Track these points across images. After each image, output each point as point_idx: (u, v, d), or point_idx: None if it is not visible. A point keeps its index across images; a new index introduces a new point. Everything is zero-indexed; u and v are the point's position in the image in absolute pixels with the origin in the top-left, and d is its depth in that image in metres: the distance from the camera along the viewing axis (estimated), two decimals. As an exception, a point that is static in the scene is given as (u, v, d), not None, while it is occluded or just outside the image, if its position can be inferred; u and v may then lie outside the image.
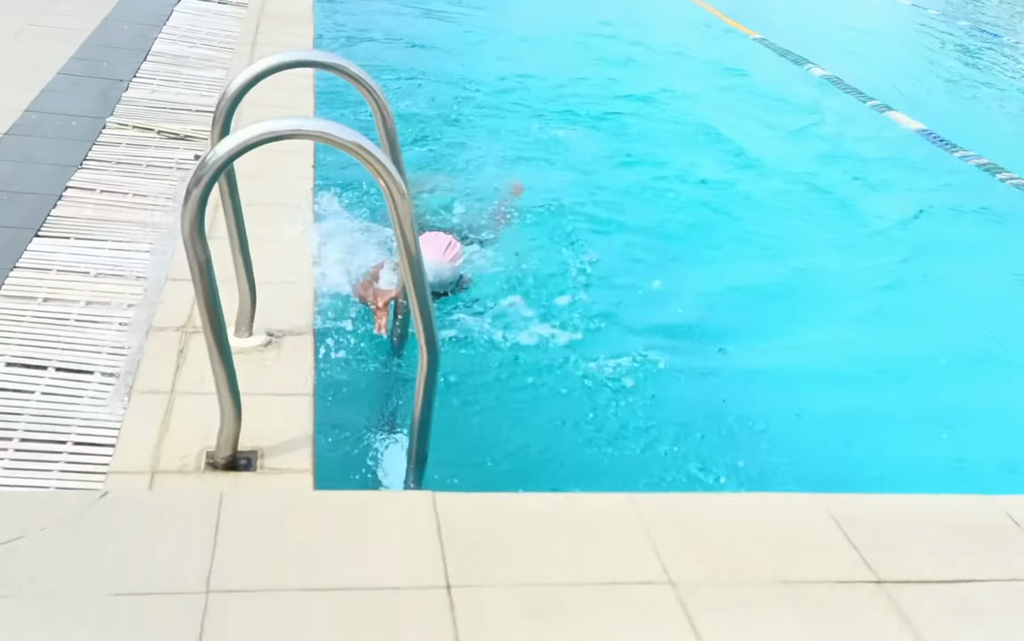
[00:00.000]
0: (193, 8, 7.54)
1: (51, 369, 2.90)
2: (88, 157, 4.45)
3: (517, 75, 8.01)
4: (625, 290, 4.58)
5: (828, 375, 3.97)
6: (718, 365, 3.95)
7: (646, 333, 4.08)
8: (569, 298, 4.31)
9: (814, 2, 15.15)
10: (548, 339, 3.87)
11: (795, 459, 3.24)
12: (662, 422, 3.36)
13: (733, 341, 4.15)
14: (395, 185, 2.48)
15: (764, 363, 3.94)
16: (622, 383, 3.59)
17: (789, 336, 4.25)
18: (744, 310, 4.51)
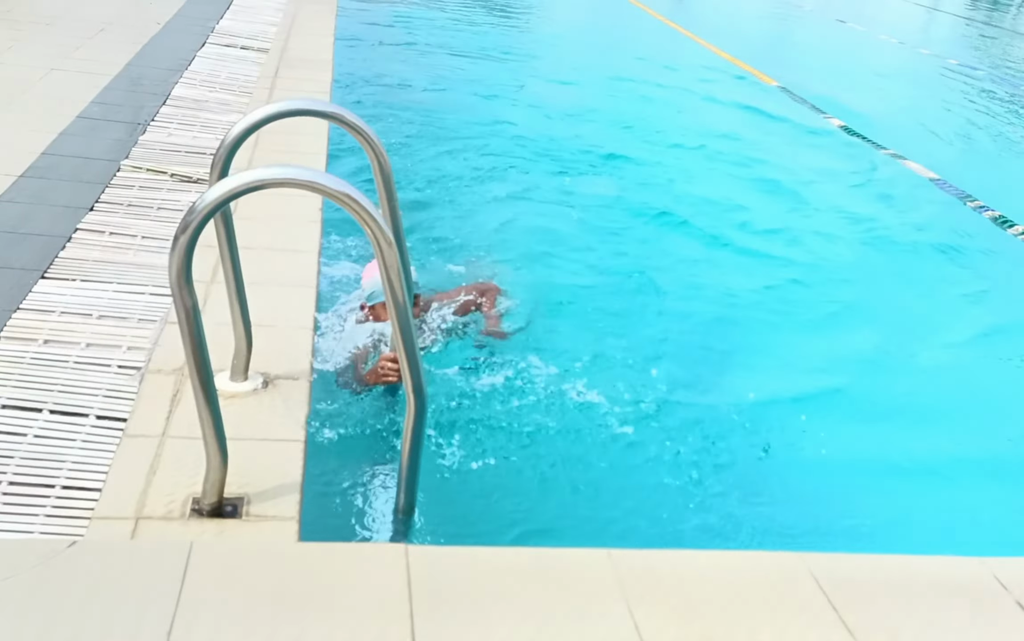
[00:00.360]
0: (215, 53, 7.69)
1: (45, 412, 2.93)
2: (100, 199, 4.53)
3: (533, 126, 8.07)
4: (606, 345, 4.59)
5: (814, 431, 3.94)
6: (705, 417, 3.92)
7: (629, 388, 4.10)
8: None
9: (832, 51, 15.19)
10: (532, 385, 3.88)
11: (781, 518, 3.20)
12: (646, 476, 3.34)
13: (720, 393, 4.14)
14: (381, 234, 2.50)
15: (751, 419, 3.91)
16: (604, 436, 3.58)
17: (777, 390, 4.22)
18: (729, 362, 4.48)
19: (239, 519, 2.57)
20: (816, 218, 6.80)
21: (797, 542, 3.04)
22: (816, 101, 10.41)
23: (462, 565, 2.20)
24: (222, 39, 8.19)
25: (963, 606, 2.29)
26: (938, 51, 16.22)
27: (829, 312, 5.23)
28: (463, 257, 5.16)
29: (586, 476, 3.07)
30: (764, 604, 2.18)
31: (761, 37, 16.41)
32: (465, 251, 5.24)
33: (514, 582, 2.15)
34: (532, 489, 3.22)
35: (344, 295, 4.56)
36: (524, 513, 3.07)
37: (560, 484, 3.06)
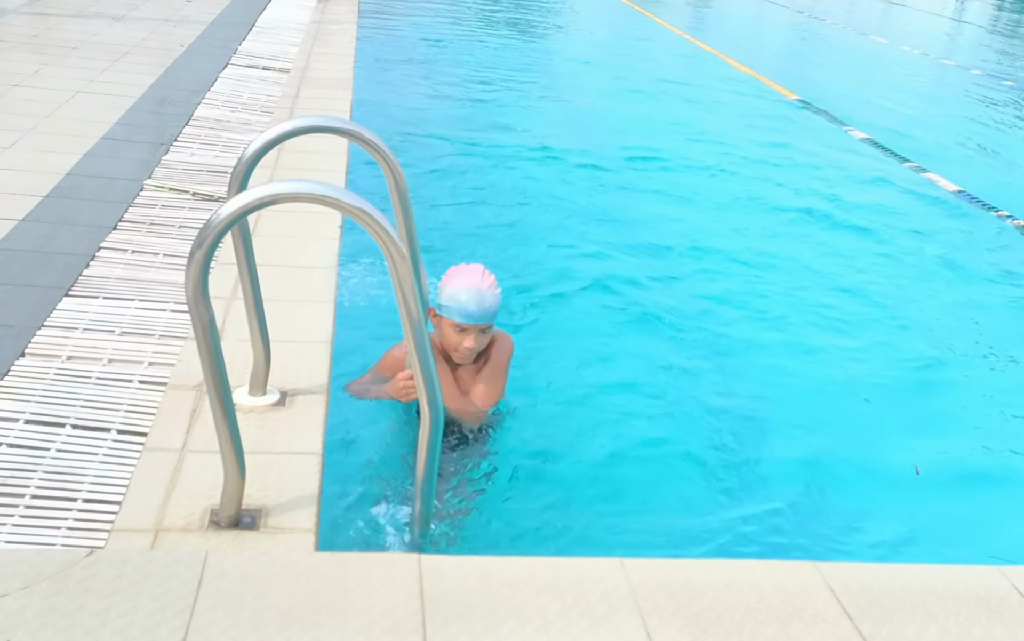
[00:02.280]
0: (238, 74, 7.80)
1: (68, 427, 2.98)
2: (123, 218, 4.60)
3: (551, 147, 8.08)
4: (625, 349, 4.59)
5: (830, 438, 3.92)
6: (718, 425, 3.91)
7: (638, 392, 4.09)
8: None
9: (854, 63, 15.14)
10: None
11: (796, 527, 3.18)
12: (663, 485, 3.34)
13: (732, 400, 4.12)
14: (395, 248, 2.51)
15: (765, 427, 3.90)
16: (612, 444, 3.58)
17: (792, 397, 4.21)
18: (744, 370, 4.47)
19: (257, 531, 2.59)
20: (838, 230, 6.76)
21: (812, 552, 3.02)
22: (838, 114, 10.38)
23: (475, 575, 2.20)
24: (244, 60, 8.31)
25: (982, 616, 2.26)
26: (962, 61, 16.13)
27: (847, 319, 5.19)
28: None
29: (598, 485, 3.06)
30: (778, 614, 2.17)
31: (783, 51, 16.39)
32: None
33: (527, 592, 2.15)
34: (545, 496, 3.22)
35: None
36: (537, 521, 3.07)
37: (572, 492, 3.06)
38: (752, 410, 4.00)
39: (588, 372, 4.26)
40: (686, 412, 3.92)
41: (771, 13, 21.94)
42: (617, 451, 3.55)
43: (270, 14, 10.80)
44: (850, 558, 2.61)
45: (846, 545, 3.08)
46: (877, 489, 3.51)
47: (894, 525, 3.28)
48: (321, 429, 3.12)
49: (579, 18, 17.39)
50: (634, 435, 3.71)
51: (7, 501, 2.61)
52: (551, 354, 4.33)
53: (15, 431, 2.92)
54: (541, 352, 4.28)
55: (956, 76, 14.90)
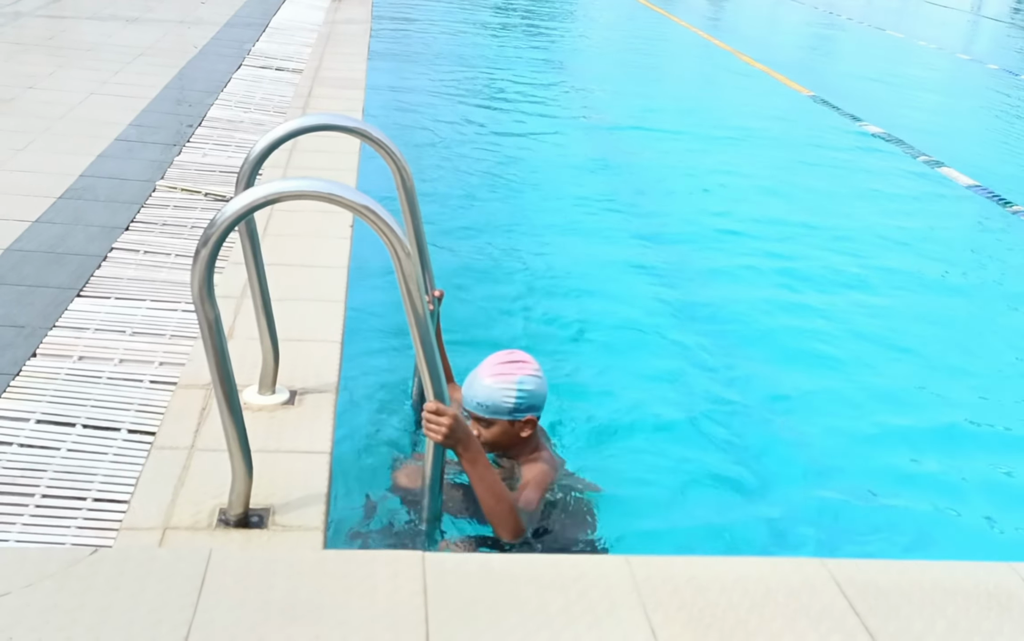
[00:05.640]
0: (251, 75, 7.83)
1: (79, 426, 3.00)
2: (136, 219, 4.63)
3: (566, 147, 8.07)
4: (638, 338, 4.58)
5: (838, 433, 3.90)
6: (725, 421, 3.89)
7: (650, 384, 4.05)
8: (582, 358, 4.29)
9: (870, 58, 15.04)
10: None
11: (802, 523, 3.17)
12: (666, 480, 3.33)
13: (741, 398, 4.10)
14: (400, 245, 2.52)
15: (773, 424, 3.88)
16: (620, 441, 3.57)
17: (800, 394, 4.18)
18: (754, 367, 4.45)
19: (265, 529, 2.60)
20: (850, 225, 6.73)
21: (819, 548, 3.00)
22: (852, 109, 10.31)
23: (478, 572, 2.20)
24: (258, 61, 8.35)
25: (991, 612, 2.24)
26: (979, 56, 15.99)
27: (859, 316, 5.16)
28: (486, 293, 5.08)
29: (602, 482, 3.06)
30: (784, 610, 2.16)
31: (798, 47, 16.31)
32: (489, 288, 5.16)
33: (530, 589, 2.15)
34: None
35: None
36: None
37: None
38: (761, 410, 3.97)
39: (595, 372, 4.25)
40: (693, 412, 3.90)
41: (786, 9, 21.83)
42: (623, 449, 3.54)
43: (284, 15, 10.85)
44: (858, 555, 2.58)
45: (854, 543, 3.06)
46: (887, 488, 3.48)
47: (904, 524, 3.26)
48: (330, 428, 3.13)
49: (595, 17, 17.36)
50: (640, 434, 3.69)
51: (18, 500, 2.64)
52: (560, 356, 4.33)
53: (26, 431, 2.94)
54: (552, 355, 4.27)
55: (973, 71, 14.78)
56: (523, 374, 2.95)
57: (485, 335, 4.33)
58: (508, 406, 2.92)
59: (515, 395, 2.92)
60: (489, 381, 2.92)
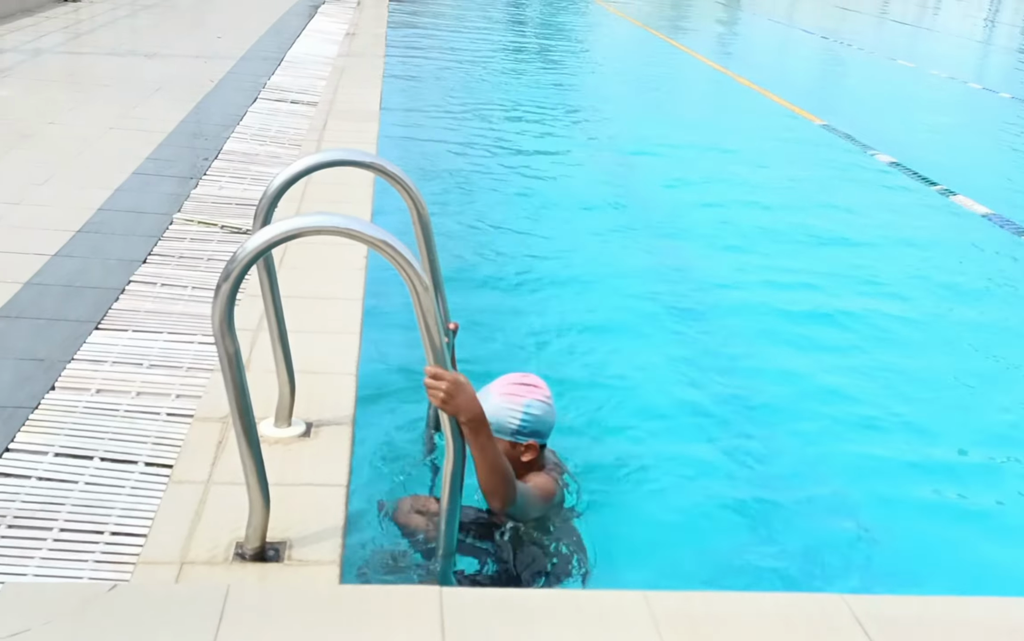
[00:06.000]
0: (266, 108, 7.90)
1: (96, 459, 3.01)
2: (153, 252, 4.66)
3: (580, 180, 8.09)
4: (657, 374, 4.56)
5: (859, 466, 3.86)
6: (745, 455, 3.87)
7: (666, 417, 4.04)
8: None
9: (881, 88, 15.06)
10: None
11: (823, 559, 3.14)
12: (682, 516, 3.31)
13: (760, 431, 4.08)
14: (418, 278, 2.53)
15: (792, 457, 3.86)
16: (637, 474, 3.55)
17: (820, 427, 4.16)
18: (772, 402, 4.42)
19: (281, 563, 2.60)
20: (865, 253, 6.72)
21: (839, 583, 2.97)
22: (864, 138, 10.32)
23: (496, 608, 2.19)
24: (273, 94, 8.42)
25: (1015, 649, 2.21)
26: (991, 85, 15.99)
27: (875, 346, 5.14)
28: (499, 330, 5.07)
29: (621, 518, 3.04)
30: (805, 647, 2.13)
31: (808, 76, 16.35)
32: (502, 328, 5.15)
33: (548, 625, 2.13)
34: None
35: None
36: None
37: (596, 525, 3.03)
38: (780, 442, 3.95)
39: (611, 405, 4.23)
40: (712, 445, 3.88)
41: (796, 39, 21.92)
42: (640, 483, 3.52)
43: (299, 48, 10.96)
44: (879, 591, 2.56)
45: (875, 577, 3.03)
46: (909, 521, 3.45)
47: (926, 558, 3.22)
48: (346, 461, 3.13)
49: (607, 49, 17.48)
50: (658, 468, 3.68)
51: (36, 534, 2.64)
52: (576, 389, 4.32)
53: (45, 464, 2.95)
54: (567, 387, 4.27)
55: (985, 100, 14.78)
56: (532, 398, 2.95)
57: (500, 368, 4.32)
58: (511, 427, 2.91)
59: (520, 417, 2.92)
60: (497, 399, 2.92)
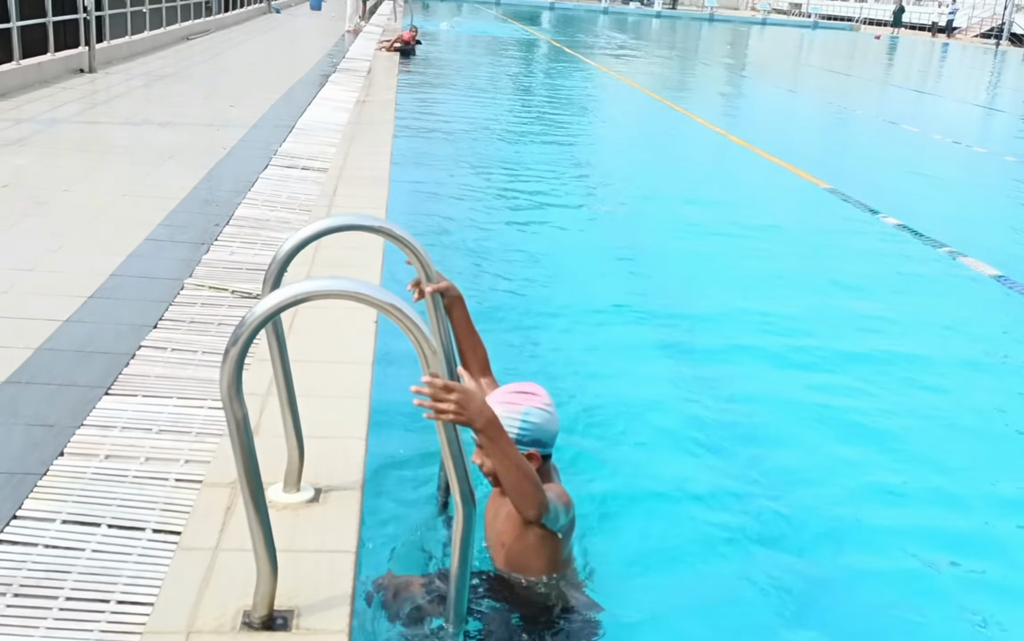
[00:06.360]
0: (277, 174, 7.99)
1: (104, 526, 2.98)
2: (164, 317, 4.68)
3: (588, 246, 8.13)
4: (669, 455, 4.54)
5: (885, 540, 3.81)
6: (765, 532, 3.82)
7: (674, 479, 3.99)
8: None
9: (884, 152, 15.18)
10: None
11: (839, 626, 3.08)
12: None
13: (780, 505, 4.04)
14: (426, 342, 2.52)
15: (808, 519, 3.81)
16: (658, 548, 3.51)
17: (841, 497, 4.12)
18: (790, 469, 4.39)
19: (289, 632, 2.56)
20: (873, 314, 6.71)
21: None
22: (870, 201, 10.37)
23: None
24: (284, 161, 8.53)
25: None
26: (995, 149, 16.10)
27: (889, 414, 5.10)
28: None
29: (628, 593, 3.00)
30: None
31: (813, 140, 16.50)
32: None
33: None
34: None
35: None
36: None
37: (613, 600, 3.00)
38: (791, 504, 3.91)
39: (626, 474, 4.20)
40: (725, 515, 3.84)
41: (800, 103, 22.18)
42: (660, 555, 3.48)
43: (310, 116, 11.12)
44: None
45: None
46: (929, 591, 3.38)
47: (948, 626, 3.16)
48: (355, 526, 3.10)
49: (613, 116, 17.71)
50: (680, 543, 3.64)
51: (42, 604, 2.61)
52: (584, 453, 4.29)
53: (52, 531, 2.93)
54: (577, 450, 4.24)
55: (990, 163, 14.87)
56: (530, 405, 2.84)
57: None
58: (510, 436, 2.76)
59: (519, 425, 2.81)
60: (496, 409, 2.78)
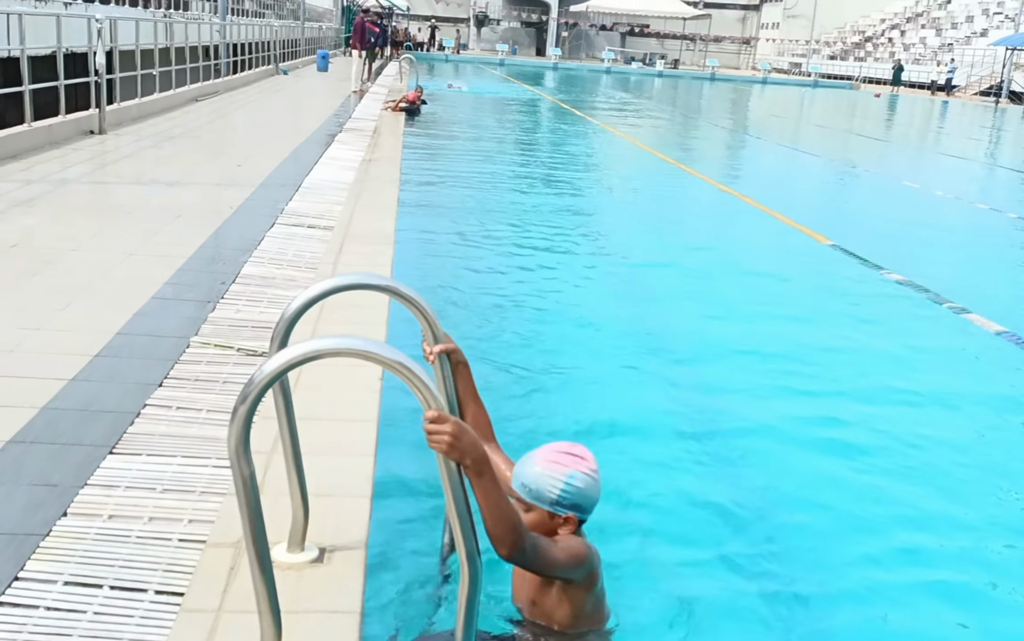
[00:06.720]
0: (283, 233, 8.05)
1: (106, 588, 2.96)
2: (169, 375, 4.68)
3: (592, 302, 8.14)
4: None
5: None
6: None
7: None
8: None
9: (885, 207, 15.26)
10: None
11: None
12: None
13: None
14: (433, 400, 2.52)
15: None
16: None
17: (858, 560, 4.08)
18: (794, 529, 4.36)
19: (292, 696, 2.53)
20: (876, 368, 6.70)
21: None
22: (872, 257, 10.40)
23: None
24: (290, 219, 8.59)
25: None
26: (997, 205, 16.18)
27: (891, 469, 5.07)
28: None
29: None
30: None
31: (814, 197, 16.60)
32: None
33: None
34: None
35: None
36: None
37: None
38: (796, 557, 3.88)
39: (629, 525, 4.18)
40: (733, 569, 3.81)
41: (802, 160, 22.36)
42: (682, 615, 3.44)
43: (316, 175, 11.23)
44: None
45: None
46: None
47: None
48: (359, 587, 3.07)
49: (617, 173, 17.86)
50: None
51: (42, 666, 2.59)
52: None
53: (54, 593, 2.90)
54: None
55: (992, 220, 14.93)
56: (576, 469, 2.81)
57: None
58: (551, 497, 2.78)
59: (561, 487, 2.79)
60: (541, 466, 2.79)
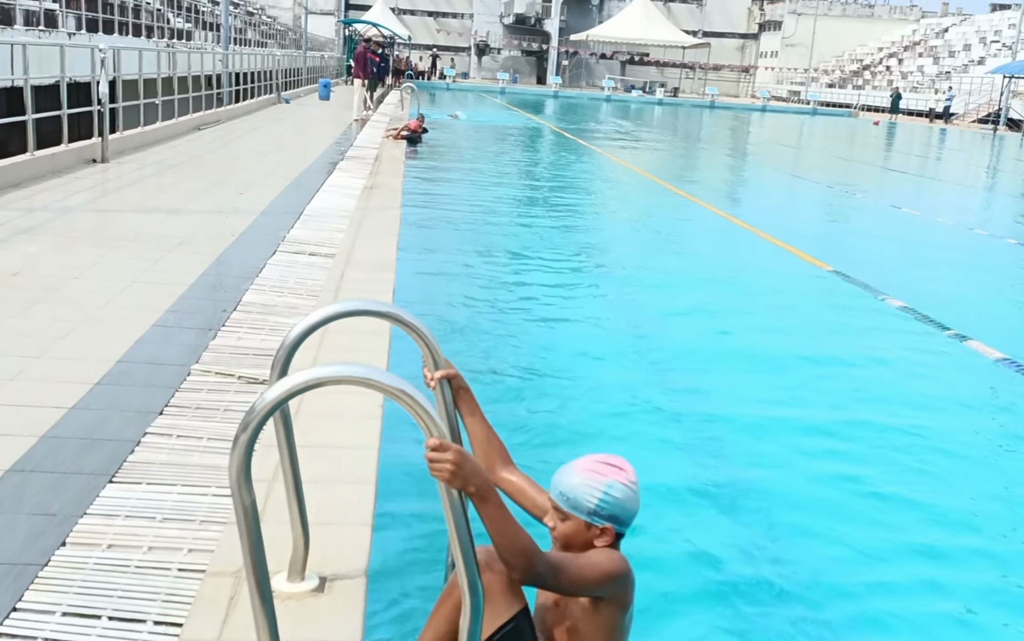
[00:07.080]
0: (285, 260, 8.05)
1: (104, 618, 2.93)
2: (170, 403, 4.67)
3: (595, 330, 8.15)
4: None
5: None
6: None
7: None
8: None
9: (887, 234, 15.30)
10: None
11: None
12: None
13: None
14: (435, 427, 2.51)
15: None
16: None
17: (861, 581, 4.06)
18: (797, 545, 4.33)
19: (292, 728, 2.50)
20: (877, 395, 6.69)
21: None
22: (873, 283, 10.41)
23: None
24: (292, 247, 8.60)
25: None
26: (997, 232, 16.20)
27: (892, 495, 5.05)
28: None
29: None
30: None
31: (816, 224, 16.64)
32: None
33: None
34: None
35: None
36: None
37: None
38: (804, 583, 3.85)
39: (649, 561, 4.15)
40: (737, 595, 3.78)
41: (803, 188, 22.42)
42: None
43: (318, 203, 11.25)
44: None
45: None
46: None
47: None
48: (360, 616, 3.05)
49: (617, 200, 17.91)
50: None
51: (39, 698, 2.56)
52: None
53: (51, 624, 2.88)
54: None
55: (992, 246, 14.96)
56: (615, 479, 2.76)
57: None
58: (588, 506, 2.72)
59: (599, 496, 2.74)
60: (579, 476, 2.74)
